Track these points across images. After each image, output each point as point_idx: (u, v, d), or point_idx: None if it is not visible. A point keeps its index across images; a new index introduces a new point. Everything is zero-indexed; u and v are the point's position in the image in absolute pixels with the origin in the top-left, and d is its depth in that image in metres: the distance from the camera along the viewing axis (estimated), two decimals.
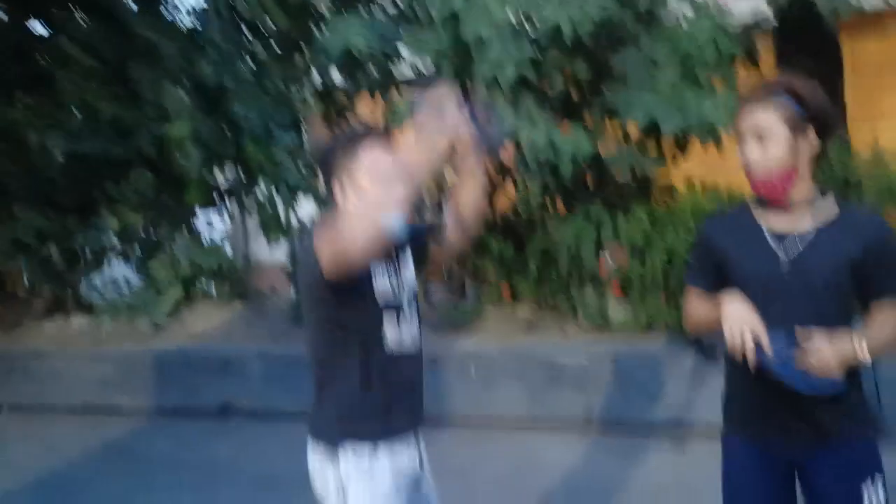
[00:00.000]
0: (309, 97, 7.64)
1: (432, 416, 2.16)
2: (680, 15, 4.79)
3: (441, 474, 2.13)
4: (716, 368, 2.15)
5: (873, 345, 1.80)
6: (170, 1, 5.95)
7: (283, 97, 6.41)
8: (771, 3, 4.91)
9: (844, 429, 1.88)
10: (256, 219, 7.54)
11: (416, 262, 2.10)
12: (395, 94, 5.22)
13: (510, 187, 5.79)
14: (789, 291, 1.84)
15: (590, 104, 5.22)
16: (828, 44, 5.28)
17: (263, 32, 6.73)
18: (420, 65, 5.70)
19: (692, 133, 4.43)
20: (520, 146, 4.65)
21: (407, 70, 6.45)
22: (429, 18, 5.28)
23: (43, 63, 5.42)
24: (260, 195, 6.79)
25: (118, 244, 8.10)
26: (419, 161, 1.77)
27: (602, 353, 4.71)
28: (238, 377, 5.60)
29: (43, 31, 5.42)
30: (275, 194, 6.29)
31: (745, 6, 5.26)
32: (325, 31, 5.33)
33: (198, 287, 7.27)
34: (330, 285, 1.84)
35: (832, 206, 1.89)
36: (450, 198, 2.14)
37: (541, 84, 4.99)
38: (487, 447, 2.11)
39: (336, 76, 7.65)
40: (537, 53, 4.82)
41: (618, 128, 5.11)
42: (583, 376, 4.63)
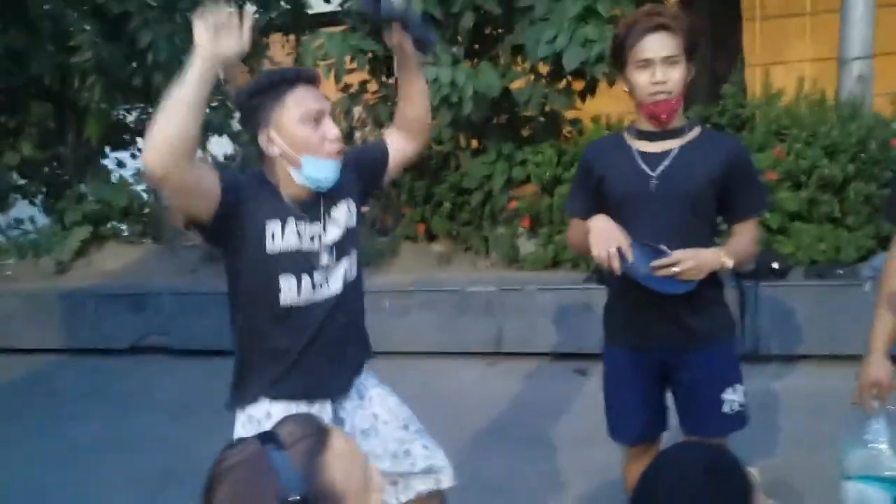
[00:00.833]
0: None
1: None
2: None
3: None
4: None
5: (735, 260, 1.97)
6: None
7: (192, 28, 6.21)
8: None
9: (708, 332, 2.06)
10: None
11: (368, 188, 2.06)
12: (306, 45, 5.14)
13: None
14: (657, 206, 1.98)
15: (500, 40, 5.28)
16: None
17: None
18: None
19: (593, 67, 4.54)
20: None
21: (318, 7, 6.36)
22: None
23: None
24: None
25: (21, 181, 7.80)
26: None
27: (510, 283, 4.89)
28: (149, 314, 5.55)
29: None
30: None
31: None
32: None
33: (108, 226, 7.07)
34: (198, 229, 1.77)
35: (695, 131, 2.04)
36: (397, 103, 2.12)
37: (448, 21, 5.01)
38: (397, 373, 2.22)
39: (249, 9, 7.44)
40: None
41: (527, 64, 5.19)
42: (491, 305, 4.80)
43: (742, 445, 2.05)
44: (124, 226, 7.13)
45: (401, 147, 2.11)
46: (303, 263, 1.86)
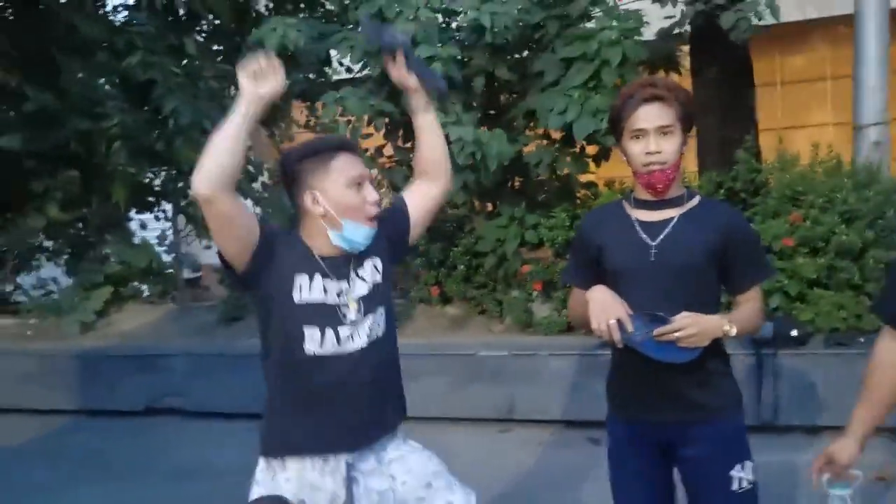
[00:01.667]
0: None
1: None
2: (597, 18, 4.96)
3: None
4: None
5: (739, 328, 1.93)
6: None
7: (216, 94, 6.41)
8: (685, 14, 5.13)
9: (713, 406, 2.00)
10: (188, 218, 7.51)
11: (396, 246, 2.11)
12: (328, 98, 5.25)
13: None
14: (657, 276, 1.96)
15: (512, 106, 5.37)
16: (737, 55, 5.53)
17: (196, 28, 6.71)
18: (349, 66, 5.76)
19: (604, 137, 4.59)
20: (449, 144, 4.76)
21: (339, 73, 6.52)
22: (356, 20, 5.37)
23: None
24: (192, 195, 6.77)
25: (46, 243, 7.97)
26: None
27: (523, 348, 4.84)
28: (163, 376, 5.56)
29: None
30: None
31: (664, 13, 5.48)
32: (263, 27, 5.34)
33: (129, 287, 7.17)
34: (231, 271, 1.91)
35: (694, 200, 2.03)
36: (416, 152, 2.21)
37: (465, 85, 5.11)
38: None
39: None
40: (463, 52, 4.94)
41: (539, 129, 5.26)
42: (503, 370, 4.74)
43: None
44: (144, 286, 7.22)
45: (423, 193, 2.17)
46: (329, 317, 1.94)
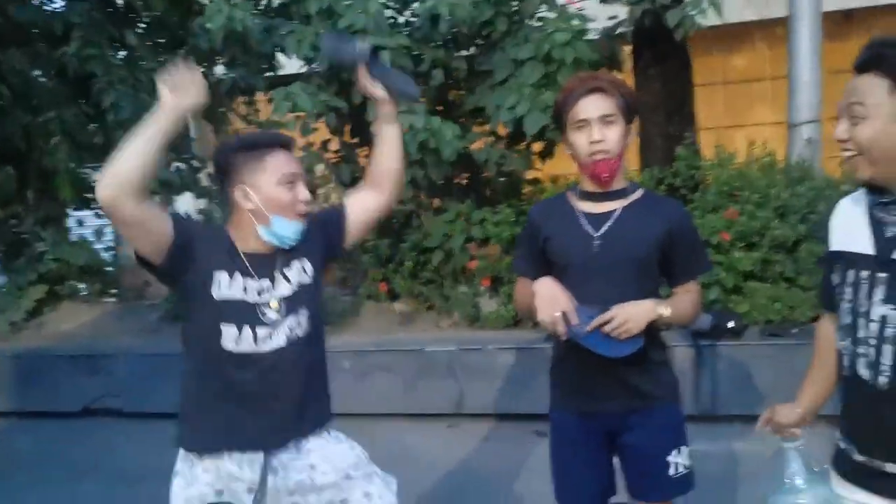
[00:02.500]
0: None
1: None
2: (545, 18, 5.03)
3: None
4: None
5: (673, 312, 1.98)
6: None
7: (157, 87, 6.24)
8: (632, 13, 5.23)
9: (652, 394, 2.06)
10: None
11: (328, 251, 2.09)
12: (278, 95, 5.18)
13: None
14: (600, 268, 2.00)
15: (460, 103, 5.40)
16: (678, 56, 5.67)
17: (137, 20, 6.53)
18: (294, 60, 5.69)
19: (553, 132, 4.65)
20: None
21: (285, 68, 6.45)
22: (305, 13, 5.32)
23: None
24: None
25: None
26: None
27: (471, 343, 4.87)
28: (103, 376, 5.41)
29: None
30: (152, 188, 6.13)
31: (610, 12, 5.58)
32: (207, 10, 5.22)
33: (66, 285, 6.95)
34: (147, 267, 1.88)
35: (638, 193, 2.08)
36: (371, 159, 2.19)
37: (418, 79, 5.12)
38: (357, 436, 2.17)
39: (218, 70, 7.53)
40: (414, 44, 4.95)
41: (485, 126, 5.30)
42: (452, 365, 4.77)
43: None
44: (83, 285, 7.01)
45: (365, 207, 2.15)
46: (247, 315, 1.91)
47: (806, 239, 4.67)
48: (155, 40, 6.91)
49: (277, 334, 1.94)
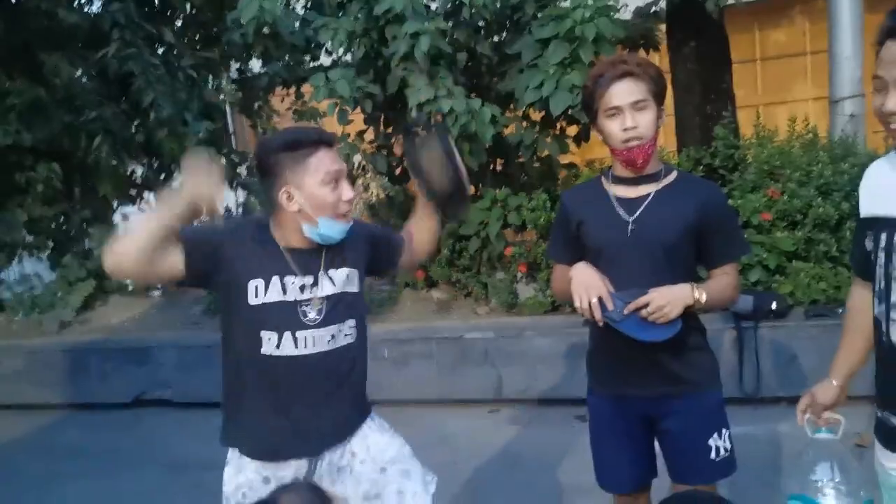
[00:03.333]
0: (225, 84, 7.60)
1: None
2: None
3: None
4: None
5: (710, 296, 1.95)
6: None
7: (196, 84, 6.36)
8: None
9: (691, 379, 2.04)
10: None
11: (375, 265, 2.11)
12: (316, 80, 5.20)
13: None
14: (634, 252, 1.98)
15: (492, 88, 5.37)
16: (714, 33, 5.56)
17: (174, 17, 6.64)
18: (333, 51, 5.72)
19: (581, 113, 4.60)
20: (443, 117, 4.79)
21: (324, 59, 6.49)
22: (339, 2, 5.34)
23: None
24: (176, 186, 6.75)
25: (28, 238, 7.90)
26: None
27: (508, 329, 4.88)
28: (150, 368, 5.56)
29: None
30: None
31: None
32: (240, 3, 5.28)
33: (113, 280, 7.13)
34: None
35: (672, 175, 2.06)
36: (407, 230, 2.24)
37: (451, 60, 5.11)
38: (397, 423, 2.19)
39: (254, 66, 7.62)
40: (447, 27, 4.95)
41: (518, 111, 5.27)
42: (490, 352, 4.79)
43: (747, 487, 2.02)
44: (129, 280, 7.20)
45: (410, 249, 2.23)
46: (287, 318, 1.89)
47: (850, 217, 4.57)
48: (191, 36, 7.03)
49: (320, 339, 1.92)
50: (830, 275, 4.52)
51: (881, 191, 1.60)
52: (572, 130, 5.38)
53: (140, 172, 8.18)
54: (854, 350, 1.82)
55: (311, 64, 7.24)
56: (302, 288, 1.91)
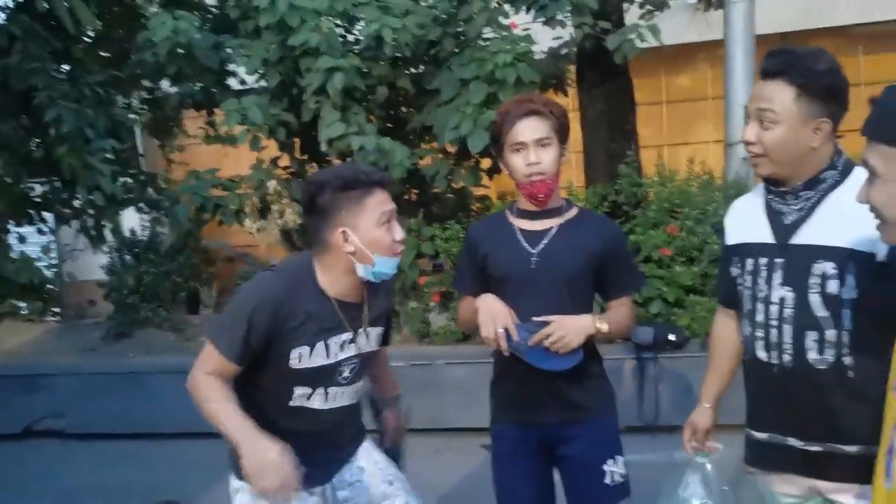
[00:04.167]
0: (136, 103, 7.39)
1: None
2: (490, 39, 5.13)
3: None
4: None
5: (610, 326, 2.06)
6: None
7: (102, 101, 6.16)
8: (574, 37, 5.37)
9: (588, 406, 2.13)
10: (75, 229, 7.17)
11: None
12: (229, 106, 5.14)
13: None
14: (538, 284, 2.07)
15: (409, 120, 5.46)
16: (621, 76, 5.83)
17: (79, 34, 6.43)
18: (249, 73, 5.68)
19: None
20: (351, 154, 4.82)
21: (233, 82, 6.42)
22: (254, 28, 5.32)
23: None
24: (78, 204, 6.46)
25: None
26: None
27: (421, 358, 4.90)
28: (43, 396, 5.28)
29: None
30: (96, 202, 6.01)
31: (554, 33, 5.71)
32: (152, 22, 5.19)
33: (5, 304, 6.77)
34: None
35: (573, 211, 2.16)
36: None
37: (365, 95, 5.16)
38: None
39: (165, 84, 7.44)
40: (363, 63, 5.01)
41: (434, 143, 5.37)
42: (401, 380, 4.77)
43: None
44: (23, 303, 6.84)
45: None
46: (325, 378, 1.94)
47: None
48: (101, 54, 6.82)
49: (347, 394, 2.00)
50: None
51: (746, 219, 1.76)
52: (487, 163, 5.51)
53: (38, 191, 7.81)
54: (720, 374, 1.96)
55: (224, 88, 7.17)
56: (342, 345, 1.94)
